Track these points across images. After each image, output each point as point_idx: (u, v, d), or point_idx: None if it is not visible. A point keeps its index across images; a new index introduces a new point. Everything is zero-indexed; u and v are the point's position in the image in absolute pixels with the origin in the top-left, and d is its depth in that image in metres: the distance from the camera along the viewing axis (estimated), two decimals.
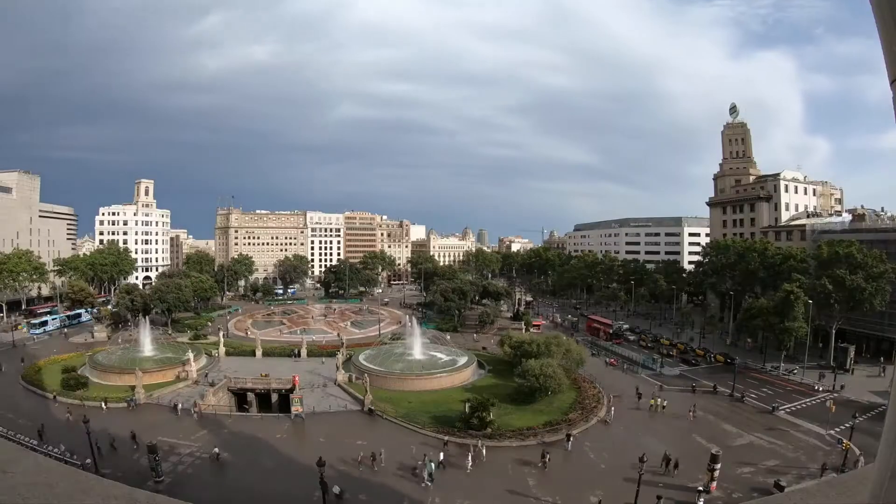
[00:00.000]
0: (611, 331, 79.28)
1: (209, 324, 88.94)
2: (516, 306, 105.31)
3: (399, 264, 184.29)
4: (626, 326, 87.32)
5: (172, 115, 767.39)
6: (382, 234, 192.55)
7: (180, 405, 43.62)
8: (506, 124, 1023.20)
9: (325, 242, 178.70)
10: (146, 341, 60.98)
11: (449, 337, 77.68)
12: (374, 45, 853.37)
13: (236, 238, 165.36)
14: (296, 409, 42.68)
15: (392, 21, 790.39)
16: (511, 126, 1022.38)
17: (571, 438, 36.77)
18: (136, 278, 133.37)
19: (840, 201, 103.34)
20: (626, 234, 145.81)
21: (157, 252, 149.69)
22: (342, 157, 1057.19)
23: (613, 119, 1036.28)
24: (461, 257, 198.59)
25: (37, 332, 78.71)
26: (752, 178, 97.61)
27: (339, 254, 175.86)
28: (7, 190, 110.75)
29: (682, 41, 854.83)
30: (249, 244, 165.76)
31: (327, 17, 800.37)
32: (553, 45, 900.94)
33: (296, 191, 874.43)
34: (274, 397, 48.80)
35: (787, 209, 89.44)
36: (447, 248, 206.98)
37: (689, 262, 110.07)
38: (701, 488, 28.80)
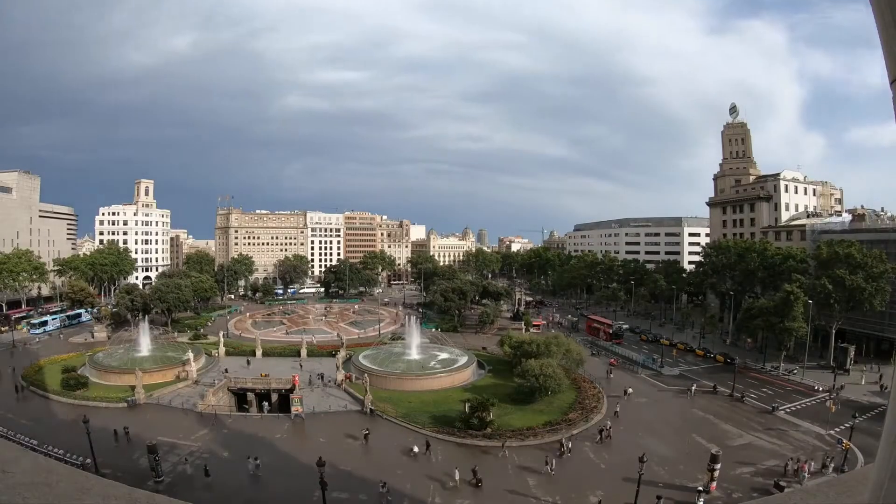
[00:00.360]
0: (611, 331, 79.33)
1: (209, 324, 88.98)
2: (516, 306, 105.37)
3: (399, 264, 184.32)
4: (626, 326, 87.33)
5: (117, 112, 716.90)
6: (382, 234, 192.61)
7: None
8: (469, 114, 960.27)
9: (325, 242, 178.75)
10: (146, 341, 61.02)
11: (449, 337, 77.62)
12: (304, 30, 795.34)
13: (236, 238, 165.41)
14: (296, 409, 42.71)
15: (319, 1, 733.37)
16: (476, 116, 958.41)
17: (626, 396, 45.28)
18: (136, 278, 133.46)
19: (840, 201, 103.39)
20: (626, 234, 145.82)
21: (157, 252, 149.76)
22: (307, 153, 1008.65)
23: (589, 108, 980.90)
24: (461, 257, 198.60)
25: (37, 332, 78.74)
26: (752, 178, 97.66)
27: (339, 254, 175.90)
28: (7, 190, 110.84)
29: (655, 12, 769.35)
30: (249, 244, 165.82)
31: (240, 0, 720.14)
32: (505, 21, 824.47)
33: (266, 188, 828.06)
34: (274, 397, 48.80)
35: (787, 209, 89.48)
36: (447, 248, 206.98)
37: (689, 262, 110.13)
38: (701, 488, 28.80)
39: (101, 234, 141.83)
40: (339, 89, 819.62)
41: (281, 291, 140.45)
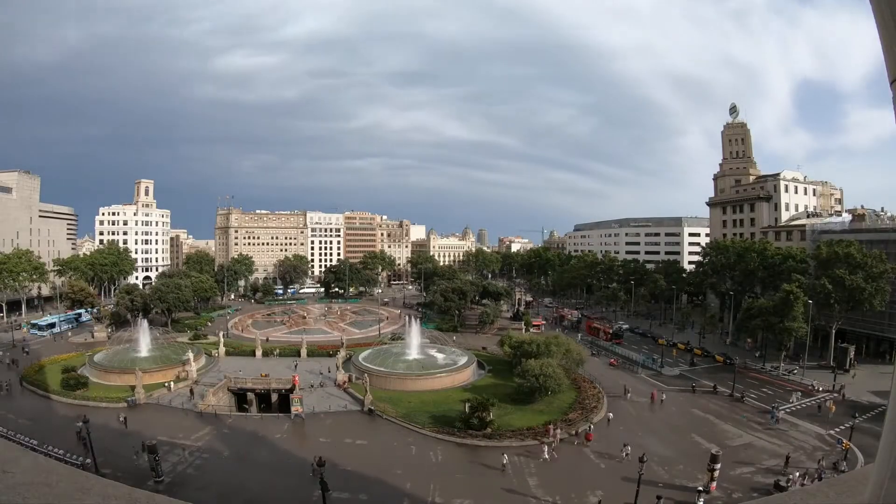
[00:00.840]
0: (611, 330, 79.43)
1: (209, 324, 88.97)
2: (516, 306, 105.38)
3: (399, 264, 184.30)
4: (626, 326, 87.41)
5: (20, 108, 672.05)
6: (382, 234, 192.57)
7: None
8: (406, 100, 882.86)
9: (325, 242, 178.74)
10: (146, 341, 61.00)
11: (451, 337, 77.62)
12: (189, 16, 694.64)
13: (236, 238, 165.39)
14: (296, 409, 42.71)
15: None
16: (414, 102, 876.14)
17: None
18: (136, 278, 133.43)
19: (840, 201, 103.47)
20: (626, 234, 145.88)
21: (157, 252, 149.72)
22: (253, 150, 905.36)
23: (548, 91, 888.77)
24: (461, 257, 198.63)
25: (44, 333, 78.74)
26: (751, 178, 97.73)
27: (339, 254, 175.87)
28: (7, 190, 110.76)
29: None
30: (249, 244, 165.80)
31: None
32: None
33: (230, 185, 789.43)
34: (274, 397, 48.82)
35: (786, 209, 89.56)
36: (447, 248, 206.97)
37: (689, 262, 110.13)
38: (701, 488, 28.79)
39: (101, 234, 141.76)
40: (254, 77, 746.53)
41: (281, 291, 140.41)
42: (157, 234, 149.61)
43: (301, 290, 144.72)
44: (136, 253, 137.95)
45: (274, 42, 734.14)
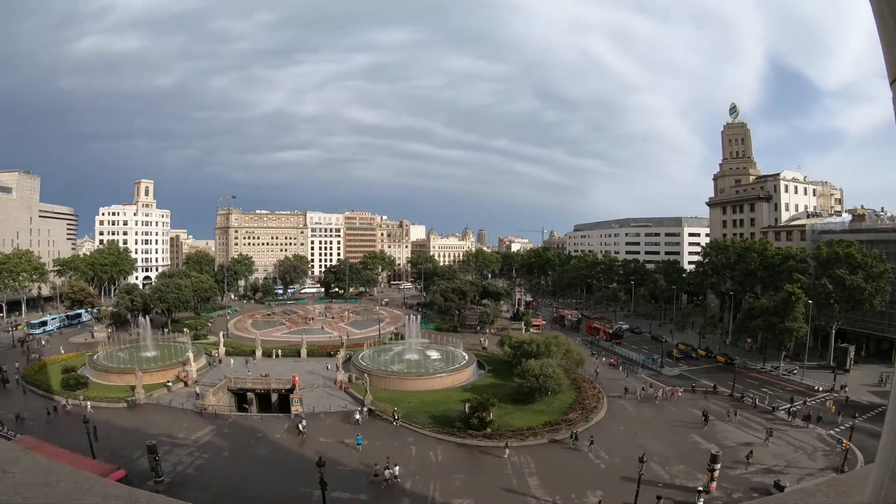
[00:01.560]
0: (611, 330, 79.45)
1: (209, 324, 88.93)
2: (516, 306, 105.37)
3: (399, 264, 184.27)
4: (626, 326, 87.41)
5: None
6: (382, 234, 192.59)
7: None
8: (287, 81, 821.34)
9: (325, 242, 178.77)
10: (146, 341, 60.98)
11: (454, 338, 77.52)
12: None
13: (236, 238, 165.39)
14: (296, 409, 42.71)
15: None
16: (299, 84, 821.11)
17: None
18: (136, 278, 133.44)
19: (840, 201, 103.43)
20: (626, 235, 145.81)
21: (157, 252, 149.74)
22: (173, 146, 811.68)
23: (444, 61, 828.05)
24: (461, 257, 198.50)
25: (36, 332, 78.74)
26: (751, 179, 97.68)
27: (339, 254, 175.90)
28: (7, 190, 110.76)
29: None
30: (249, 244, 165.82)
31: None
32: None
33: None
34: (274, 397, 48.82)
35: (786, 209, 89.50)
36: (447, 248, 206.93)
37: (689, 263, 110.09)
38: (701, 488, 28.80)
39: (101, 234, 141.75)
40: (117, 64, 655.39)
41: (281, 291, 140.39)
42: (157, 234, 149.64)
43: (301, 291, 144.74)
44: (136, 253, 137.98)
45: (112, 26, 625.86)
